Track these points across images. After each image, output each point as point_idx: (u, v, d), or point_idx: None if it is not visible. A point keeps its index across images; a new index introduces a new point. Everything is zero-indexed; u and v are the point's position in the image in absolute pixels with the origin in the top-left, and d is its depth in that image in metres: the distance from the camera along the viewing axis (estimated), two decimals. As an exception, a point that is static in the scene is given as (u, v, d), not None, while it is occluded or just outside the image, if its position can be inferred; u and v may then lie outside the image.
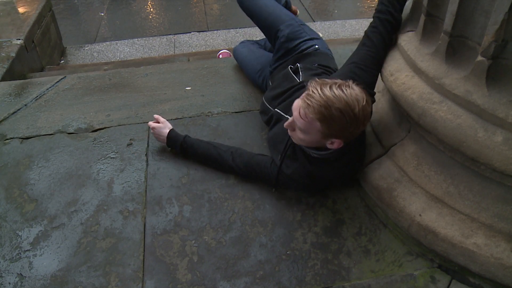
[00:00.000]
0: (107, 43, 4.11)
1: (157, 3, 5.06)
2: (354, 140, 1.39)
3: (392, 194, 1.42)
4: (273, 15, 1.97)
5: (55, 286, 1.33)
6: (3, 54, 2.77)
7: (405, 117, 1.43)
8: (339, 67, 1.63)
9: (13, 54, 2.79)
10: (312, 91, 1.24)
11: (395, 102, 1.43)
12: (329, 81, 1.26)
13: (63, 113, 2.03)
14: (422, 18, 1.31)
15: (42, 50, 3.29)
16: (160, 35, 4.24)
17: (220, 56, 3.00)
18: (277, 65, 1.92)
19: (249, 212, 1.53)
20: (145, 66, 2.49)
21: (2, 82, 2.41)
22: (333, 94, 1.21)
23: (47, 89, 2.23)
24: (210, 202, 1.57)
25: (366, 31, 1.51)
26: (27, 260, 1.40)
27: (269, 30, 1.99)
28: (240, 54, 2.23)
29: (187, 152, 1.70)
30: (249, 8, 2.04)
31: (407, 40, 1.40)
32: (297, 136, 1.36)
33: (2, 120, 2.00)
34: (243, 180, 1.63)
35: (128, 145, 1.82)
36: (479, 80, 1.13)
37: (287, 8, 2.32)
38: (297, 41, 1.88)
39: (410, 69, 1.35)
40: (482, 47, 1.08)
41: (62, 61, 3.77)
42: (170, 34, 4.24)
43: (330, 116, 1.22)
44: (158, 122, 1.75)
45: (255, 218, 1.51)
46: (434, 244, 1.33)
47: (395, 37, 1.48)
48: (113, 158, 1.76)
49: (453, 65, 1.22)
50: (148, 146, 1.81)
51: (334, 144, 1.31)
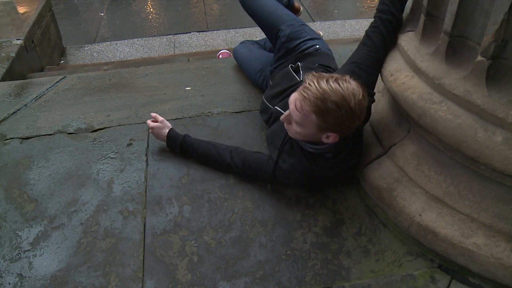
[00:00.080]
0: (107, 43, 4.11)
1: (157, 3, 5.06)
2: (351, 137, 1.39)
3: (392, 194, 1.42)
4: (274, 15, 1.97)
5: (55, 286, 1.33)
6: (3, 54, 2.77)
7: (405, 117, 1.43)
8: (339, 67, 1.63)
9: (13, 54, 2.79)
10: (309, 84, 1.24)
11: (395, 102, 1.43)
12: (326, 74, 1.27)
13: (63, 113, 2.03)
14: (422, 18, 1.31)
15: (42, 50, 3.29)
16: (160, 35, 4.24)
17: (220, 56, 3.00)
18: (278, 64, 1.93)
19: (249, 212, 1.53)
20: (145, 66, 2.49)
21: (2, 82, 2.41)
22: (329, 87, 1.21)
23: (47, 89, 2.23)
24: (210, 202, 1.57)
25: (367, 31, 1.51)
26: (27, 260, 1.40)
27: (270, 30, 1.99)
28: (240, 54, 2.24)
29: (187, 151, 1.70)
30: (250, 8, 2.05)
31: (407, 40, 1.40)
32: (293, 130, 1.36)
33: (2, 120, 2.00)
34: (243, 180, 1.63)
35: (128, 145, 1.82)
36: (479, 80, 1.13)
37: (289, 5, 2.33)
38: (298, 41, 1.88)
39: (410, 69, 1.36)
40: (482, 47, 1.09)
41: (62, 61, 3.77)
42: (170, 34, 4.24)
43: (326, 109, 1.22)
44: (157, 121, 1.75)
45: (255, 218, 1.51)
46: (434, 244, 1.32)
47: (395, 37, 1.48)
48: (113, 158, 1.76)
49: (453, 65, 1.22)
50: (148, 146, 1.81)
51: (330, 138, 1.31)
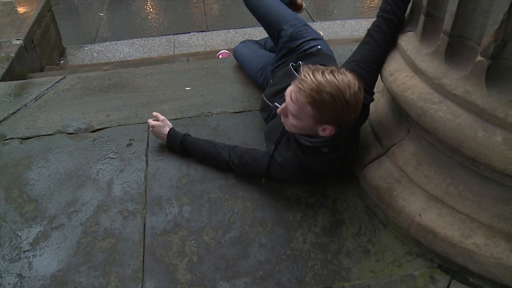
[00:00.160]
0: (107, 43, 4.11)
1: (157, 3, 5.06)
2: (347, 132, 1.39)
3: (392, 194, 1.42)
4: (277, 14, 1.98)
5: (55, 287, 1.33)
6: (3, 55, 2.77)
7: (404, 117, 1.43)
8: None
9: (13, 55, 2.79)
10: (304, 76, 1.25)
11: (395, 102, 1.43)
12: (322, 67, 1.27)
13: (63, 113, 2.03)
14: (422, 18, 1.31)
15: (41, 50, 3.29)
16: (159, 35, 4.24)
17: (220, 56, 3.00)
18: (279, 63, 1.93)
19: (249, 212, 1.53)
20: (144, 66, 2.49)
21: (2, 83, 2.41)
22: (324, 79, 1.21)
23: (47, 89, 2.23)
24: (210, 202, 1.57)
25: (369, 30, 1.51)
26: (26, 260, 1.40)
27: (272, 29, 2.00)
28: (241, 54, 2.24)
29: (187, 150, 1.71)
30: (254, 7, 2.06)
31: (407, 40, 1.40)
32: (290, 122, 1.36)
33: (1, 121, 2.00)
34: (242, 180, 1.63)
35: (127, 145, 1.82)
36: (479, 80, 1.14)
37: (292, 2, 2.34)
38: (300, 41, 1.89)
39: (409, 69, 1.36)
40: (482, 47, 1.09)
41: (61, 61, 3.77)
42: (170, 34, 4.24)
43: (321, 101, 1.22)
44: (158, 120, 1.75)
45: (254, 218, 1.51)
46: (433, 244, 1.33)
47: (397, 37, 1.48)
48: (112, 158, 1.76)
49: (453, 65, 1.22)
50: (147, 146, 1.81)
51: (326, 131, 1.31)
